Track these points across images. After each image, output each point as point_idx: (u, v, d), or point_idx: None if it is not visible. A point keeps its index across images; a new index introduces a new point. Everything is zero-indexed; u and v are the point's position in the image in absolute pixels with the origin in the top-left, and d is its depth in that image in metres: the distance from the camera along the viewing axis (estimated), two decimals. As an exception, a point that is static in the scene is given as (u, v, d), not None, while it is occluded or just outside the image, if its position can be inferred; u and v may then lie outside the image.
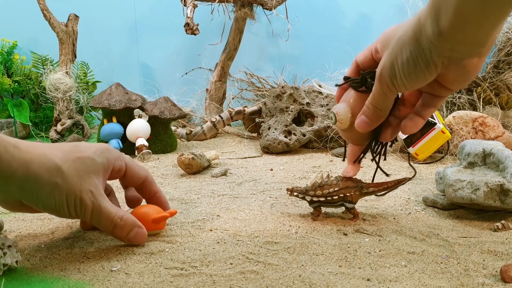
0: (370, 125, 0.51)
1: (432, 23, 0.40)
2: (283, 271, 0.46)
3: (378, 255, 0.50)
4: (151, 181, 0.58)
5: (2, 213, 0.66)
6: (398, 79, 0.45)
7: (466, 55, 0.42)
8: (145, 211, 0.56)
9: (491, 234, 0.56)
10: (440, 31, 0.39)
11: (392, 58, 0.45)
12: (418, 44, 0.42)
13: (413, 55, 0.43)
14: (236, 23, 1.40)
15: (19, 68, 1.40)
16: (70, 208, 0.47)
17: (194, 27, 1.22)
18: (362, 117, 0.51)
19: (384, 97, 0.48)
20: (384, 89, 0.47)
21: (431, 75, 0.43)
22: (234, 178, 0.86)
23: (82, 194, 0.47)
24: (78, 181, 0.47)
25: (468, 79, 0.45)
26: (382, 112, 0.50)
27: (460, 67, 0.43)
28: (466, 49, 0.41)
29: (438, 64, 0.42)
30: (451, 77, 0.44)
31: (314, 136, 1.11)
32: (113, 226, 0.50)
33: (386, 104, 0.49)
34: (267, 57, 1.65)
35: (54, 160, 0.46)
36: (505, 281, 0.44)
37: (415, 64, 0.43)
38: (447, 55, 0.41)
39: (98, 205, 0.48)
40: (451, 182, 0.61)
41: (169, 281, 0.45)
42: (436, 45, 0.41)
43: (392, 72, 0.45)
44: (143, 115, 1.20)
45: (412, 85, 0.45)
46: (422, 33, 0.41)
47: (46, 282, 0.45)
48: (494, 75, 1.26)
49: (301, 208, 0.67)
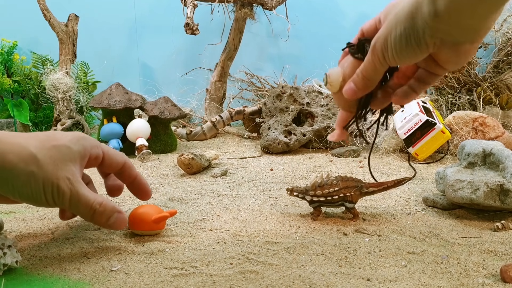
0: (356, 93, 0.51)
1: (429, 3, 0.40)
2: (283, 271, 0.46)
3: (378, 255, 0.50)
4: (130, 165, 0.57)
5: (2, 213, 0.66)
6: (389, 53, 0.46)
7: (458, 39, 0.42)
8: (145, 211, 0.56)
9: (491, 234, 0.56)
10: (436, 12, 0.40)
11: (386, 32, 0.46)
12: (413, 22, 0.42)
13: (406, 32, 0.43)
14: (236, 23, 1.40)
15: (19, 68, 1.40)
16: (47, 196, 0.46)
17: (194, 27, 1.22)
18: (350, 84, 0.51)
19: (374, 68, 0.49)
20: (375, 61, 0.48)
21: (422, 53, 0.44)
22: (234, 178, 0.86)
23: (59, 182, 0.46)
24: (54, 169, 0.46)
25: (460, 62, 0.45)
26: (370, 82, 0.50)
27: (452, 50, 0.43)
28: (459, 33, 0.41)
29: (429, 44, 0.42)
30: (443, 57, 0.45)
31: (314, 136, 1.11)
32: (92, 212, 0.49)
33: (375, 75, 0.49)
34: (267, 57, 1.65)
35: (29, 148, 0.46)
36: (505, 281, 0.44)
37: (407, 41, 0.43)
38: (439, 36, 0.42)
39: (76, 192, 0.47)
40: (451, 182, 0.61)
41: (169, 281, 0.45)
42: (430, 26, 0.41)
43: (384, 45, 0.46)
44: (143, 115, 1.20)
45: (403, 61, 0.46)
46: (418, 12, 0.42)
47: (46, 282, 0.45)
48: (494, 75, 1.26)
49: (301, 208, 0.67)
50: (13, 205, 0.70)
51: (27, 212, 0.67)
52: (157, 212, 0.56)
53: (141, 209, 0.56)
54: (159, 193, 0.77)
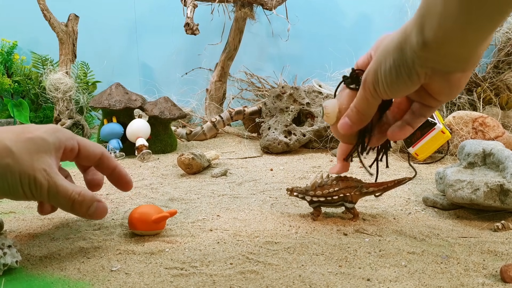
0: (351, 128, 0.51)
1: (417, 33, 0.40)
2: (283, 271, 0.46)
3: (378, 255, 0.50)
4: (107, 156, 0.56)
5: (2, 213, 0.66)
6: (380, 86, 0.45)
7: (449, 69, 0.42)
8: (145, 211, 0.56)
9: (491, 234, 0.56)
10: (424, 42, 0.39)
11: (376, 65, 0.45)
12: (402, 53, 0.42)
13: (396, 64, 0.43)
14: (236, 23, 1.40)
15: (19, 68, 1.40)
16: (25, 189, 0.46)
17: (194, 27, 1.22)
18: (345, 119, 0.51)
19: (367, 102, 0.48)
20: (367, 95, 0.47)
21: (413, 85, 0.43)
22: (234, 178, 0.86)
23: (35, 173, 0.46)
24: (30, 160, 0.46)
25: (453, 92, 0.44)
26: (365, 117, 0.50)
27: (444, 79, 0.43)
28: (449, 63, 0.41)
29: (420, 74, 0.42)
30: (436, 88, 0.45)
31: (314, 136, 1.11)
32: (72, 202, 0.49)
33: (369, 109, 0.49)
34: (267, 57, 1.65)
35: (4, 141, 0.45)
36: (505, 281, 0.44)
37: (397, 73, 0.43)
38: (430, 66, 0.41)
39: (53, 183, 0.47)
40: (451, 182, 0.61)
41: (169, 281, 0.45)
42: (420, 56, 0.40)
43: (375, 79, 0.45)
44: (143, 115, 1.20)
45: (395, 94, 0.45)
46: (407, 42, 0.41)
47: (46, 282, 0.45)
48: (494, 75, 1.26)
49: (301, 208, 0.67)
50: (13, 205, 0.70)
51: (27, 212, 0.67)
52: (157, 212, 0.56)
53: (141, 209, 0.56)
54: (159, 193, 0.77)
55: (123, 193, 0.76)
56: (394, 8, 1.55)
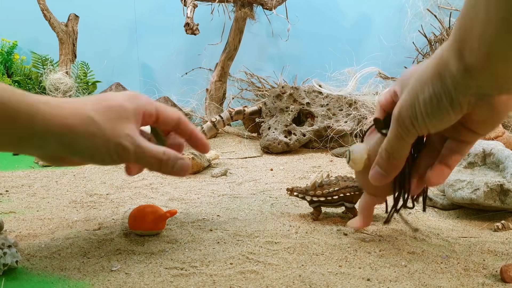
0: (385, 177, 0.47)
1: (455, 59, 0.37)
2: (283, 271, 0.46)
3: (378, 255, 0.50)
4: (184, 121, 0.56)
5: (2, 213, 0.66)
6: (419, 119, 0.41)
7: (494, 92, 0.38)
8: (145, 211, 0.56)
9: (491, 234, 0.56)
10: (466, 67, 0.36)
11: (412, 96, 0.41)
12: (442, 80, 0.39)
13: (436, 92, 0.39)
14: (236, 23, 1.40)
15: (19, 68, 1.40)
16: (112, 155, 0.47)
17: (194, 27, 1.22)
18: (376, 168, 0.47)
19: (401, 142, 0.44)
20: (402, 132, 0.43)
21: (456, 115, 0.40)
22: (234, 178, 0.86)
23: (120, 140, 0.47)
24: (112, 128, 0.47)
25: (498, 120, 0.41)
26: (397, 161, 0.45)
27: (489, 106, 0.39)
28: (494, 86, 0.37)
29: (463, 103, 0.38)
30: (478, 118, 0.41)
31: (314, 136, 1.11)
32: (158, 161, 0.50)
33: (402, 150, 0.45)
34: (267, 57, 1.65)
35: (86, 112, 0.46)
36: (505, 281, 0.44)
37: (438, 102, 0.39)
38: (473, 92, 0.38)
39: (138, 145, 0.48)
40: (451, 182, 0.61)
41: (169, 281, 0.45)
42: (461, 83, 0.37)
43: (412, 111, 0.41)
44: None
45: (435, 126, 0.41)
46: (445, 70, 0.38)
47: (46, 282, 0.45)
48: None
49: (301, 208, 0.67)
50: (13, 205, 0.70)
51: (27, 212, 0.67)
52: (157, 212, 0.56)
53: (141, 209, 0.56)
54: (159, 193, 0.77)
55: (123, 193, 0.76)
56: (394, 8, 1.56)
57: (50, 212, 0.66)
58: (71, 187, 0.81)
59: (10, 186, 0.81)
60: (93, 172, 0.93)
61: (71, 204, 0.71)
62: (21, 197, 0.75)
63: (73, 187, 0.81)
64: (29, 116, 0.42)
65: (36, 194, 0.77)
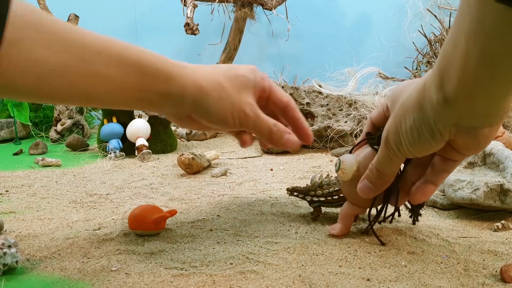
0: (373, 191, 0.48)
1: (436, 88, 0.36)
2: (283, 271, 0.46)
3: (378, 255, 0.50)
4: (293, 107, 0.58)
5: (2, 213, 0.66)
6: (403, 145, 0.42)
7: (475, 125, 0.38)
8: (144, 211, 0.56)
9: (491, 234, 0.56)
10: (445, 98, 0.36)
11: (396, 123, 0.43)
12: (422, 112, 0.39)
13: (417, 124, 0.40)
14: (236, 23, 1.40)
15: (19, 68, 1.40)
16: (235, 119, 0.51)
17: (194, 27, 1.22)
18: (365, 181, 0.48)
19: (389, 162, 0.45)
20: (391, 154, 0.45)
21: (437, 144, 0.40)
22: (234, 178, 0.86)
23: (244, 106, 0.51)
24: (238, 95, 0.51)
25: (480, 148, 0.41)
26: (387, 178, 0.47)
27: (470, 136, 0.39)
28: (474, 119, 0.37)
29: (444, 133, 0.39)
30: (461, 144, 0.41)
31: (314, 136, 1.11)
32: (270, 131, 0.53)
33: (391, 169, 0.46)
34: (267, 57, 1.65)
35: (218, 77, 0.50)
36: (505, 281, 0.44)
37: (419, 133, 0.40)
38: (454, 123, 0.38)
39: (257, 114, 0.52)
40: (451, 182, 0.61)
41: (169, 281, 0.45)
42: (441, 114, 0.37)
43: (397, 138, 0.43)
44: (143, 115, 1.20)
45: (420, 153, 0.42)
46: (425, 99, 0.38)
47: (46, 282, 0.45)
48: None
49: (301, 208, 0.67)
50: (13, 205, 0.70)
51: (27, 212, 0.67)
52: (157, 212, 0.56)
53: (141, 209, 0.56)
54: (159, 193, 0.77)
55: (123, 193, 0.76)
56: (394, 8, 1.56)
57: (50, 212, 0.66)
58: (71, 187, 0.81)
59: (10, 186, 0.81)
60: (93, 172, 0.93)
61: (71, 204, 0.71)
62: (21, 197, 0.75)
63: (73, 187, 0.81)
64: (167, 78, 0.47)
65: (36, 194, 0.77)
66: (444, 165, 0.46)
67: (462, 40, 0.33)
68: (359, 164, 0.51)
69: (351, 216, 0.55)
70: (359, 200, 0.52)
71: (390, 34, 1.56)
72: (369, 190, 0.48)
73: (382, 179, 0.47)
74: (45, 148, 1.16)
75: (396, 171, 0.47)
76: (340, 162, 0.51)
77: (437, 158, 0.46)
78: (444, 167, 0.46)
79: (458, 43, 0.33)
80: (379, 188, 0.48)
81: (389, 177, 0.47)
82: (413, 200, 0.49)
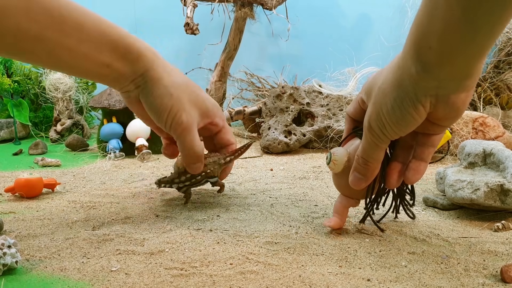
0: (364, 181, 0.49)
1: (414, 61, 0.39)
2: (283, 271, 0.46)
3: (378, 255, 0.50)
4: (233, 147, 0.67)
5: (2, 213, 0.66)
6: (387, 127, 0.44)
7: (453, 91, 0.40)
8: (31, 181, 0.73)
9: (492, 234, 0.56)
10: (425, 67, 0.38)
11: (377, 108, 0.44)
12: (401, 88, 0.41)
13: (398, 102, 0.42)
14: (236, 23, 1.40)
15: (19, 68, 1.40)
16: (169, 118, 0.55)
17: (194, 27, 1.22)
18: (354, 173, 0.50)
19: (375, 148, 0.47)
20: (375, 140, 0.46)
21: (420, 117, 0.42)
22: (234, 178, 0.86)
23: (184, 114, 0.55)
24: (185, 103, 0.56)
25: (459, 115, 0.43)
26: (374, 165, 0.48)
27: (449, 104, 0.41)
28: (453, 83, 0.39)
29: (425, 104, 0.41)
30: (440, 115, 0.43)
31: (314, 136, 1.11)
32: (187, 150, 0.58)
33: (377, 155, 0.48)
34: (267, 57, 1.65)
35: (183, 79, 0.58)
36: (505, 281, 0.44)
37: (401, 110, 0.42)
38: (433, 93, 0.40)
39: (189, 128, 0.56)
40: (451, 182, 0.61)
41: (169, 281, 0.45)
42: (421, 85, 0.39)
43: (380, 122, 0.44)
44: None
45: (404, 131, 0.44)
46: (404, 76, 0.40)
47: (46, 282, 0.45)
48: (494, 75, 1.26)
49: (302, 208, 0.67)
50: (13, 205, 0.70)
51: (27, 212, 0.67)
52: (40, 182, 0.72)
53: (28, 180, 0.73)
54: (159, 193, 0.77)
55: (123, 193, 0.76)
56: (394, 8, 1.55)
57: (50, 212, 0.66)
58: (70, 187, 0.81)
59: (10, 186, 0.81)
60: (92, 172, 0.93)
61: (71, 204, 0.71)
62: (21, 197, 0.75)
63: (73, 187, 0.81)
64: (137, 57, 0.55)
65: (36, 194, 0.77)
66: (428, 141, 0.48)
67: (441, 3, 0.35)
68: (349, 155, 0.52)
69: (345, 209, 0.56)
70: (351, 191, 0.53)
71: (390, 34, 1.55)
72: (360, 181, 0.49)
73: (369, 166, 0.48)
74: (44, 148, 1.16)
75: (382, 157, 0.48)
76: (331, 155, 0.53)
77: (421, 136, 0.48)
78: (429, 142, 0.48)
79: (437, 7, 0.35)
80: (368, 177, 0.49)
81: (375, 163, 0.48)
82: (407, 180, 0.50)
